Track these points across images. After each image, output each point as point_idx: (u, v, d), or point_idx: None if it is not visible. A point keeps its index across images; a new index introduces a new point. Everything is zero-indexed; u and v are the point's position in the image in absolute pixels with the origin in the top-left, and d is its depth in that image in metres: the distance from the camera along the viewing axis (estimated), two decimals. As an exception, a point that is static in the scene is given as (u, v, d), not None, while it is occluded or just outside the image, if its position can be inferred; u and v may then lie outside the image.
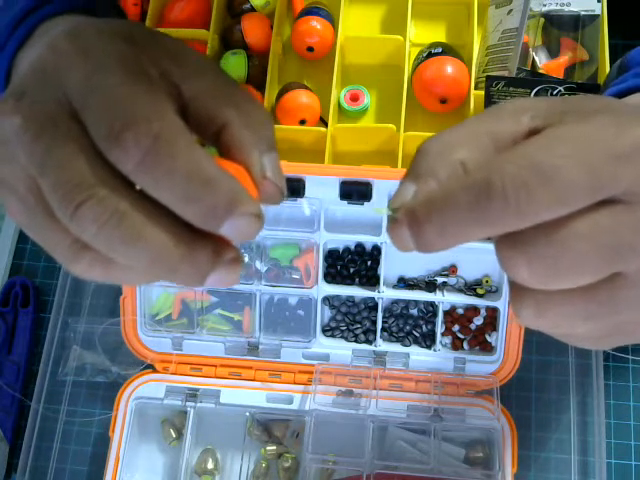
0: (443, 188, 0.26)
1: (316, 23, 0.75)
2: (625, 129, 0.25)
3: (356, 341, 0.68)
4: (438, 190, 0.26)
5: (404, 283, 0.67)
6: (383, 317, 0.67)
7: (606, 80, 0.56)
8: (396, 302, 0.68)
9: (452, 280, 0.67)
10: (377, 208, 0.29)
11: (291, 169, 0.62)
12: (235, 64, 0.76)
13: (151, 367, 0.69)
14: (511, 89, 0.67)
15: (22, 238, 0.79)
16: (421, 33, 0.79)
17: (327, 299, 0.68)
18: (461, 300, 0.66)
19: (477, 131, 0.28)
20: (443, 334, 0.67)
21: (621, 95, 0.44)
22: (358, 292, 0.67)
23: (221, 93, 0.30)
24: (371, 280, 0.67)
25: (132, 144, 0.25)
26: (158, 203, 0.26)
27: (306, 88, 0.75)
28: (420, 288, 0.67)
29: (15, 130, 0.27)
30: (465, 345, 0.67)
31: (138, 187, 0.27)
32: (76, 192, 0.26)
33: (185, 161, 0.26)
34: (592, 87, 0.66)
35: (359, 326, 0.68)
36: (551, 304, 0.27)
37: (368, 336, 0.68)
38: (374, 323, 0.67)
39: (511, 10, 0.72)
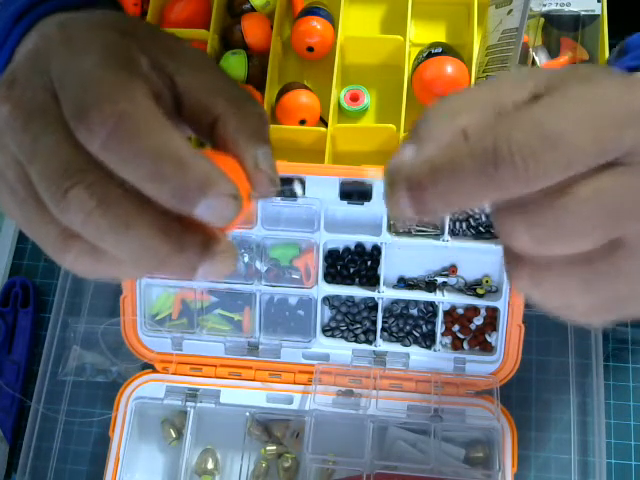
0: (448, 154, 0.26)
1: (316, 23, 0.75)
2: (628, 92, 0.25)
3: (356, 341, 0.68)
4: (442, 155, 0.26)
5: (404, 283, 0.67)
6: (383, 317, 0.67)
7: (605, 64, 0.56)
8: (396, 302, 0.68)
9: (452, 280, 0.67)
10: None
11: (291, 169, 0.62)
12: (235, 64, 0.76)
13: (151, 367, 0.69)
14: (511, 89, 0.67)
15: (22, 238, 0.79)
16: (421, 33, 0.79)
17: (327, 299, 0.68)
18: (461, 300, 0.66)
19: (479, 98, 0.28)
20: (443, 334, 0.67)
21: None
22: (358, 292, 0.67)
23: (215, 86, 0.30)
24: (371, 280, 0.67)
25: (97, 122, 0.25)
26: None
27: (306, 88, 0.75)
28: (420, 288, 0.67)
29: (5, 118, 0.27)
30: (465, 345, 0.67)
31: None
32: (64, 179, 0.26)
33: (152, 140, 0.26)
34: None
35: (359, 326, 0.68)
36: (548, 272, 0.26)
37: (368, 336, 0.68)
38: (374, 323, 0.67)
39: (511, 10, 0.72)
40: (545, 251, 0.26)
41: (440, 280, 0.66)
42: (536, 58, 0.72)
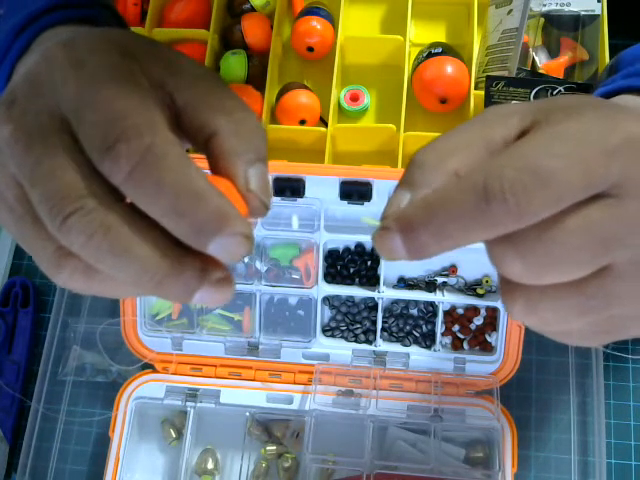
0: (440, 193, 0.26)
1: (316, 23, 0.75)
2: (613, 124, 0.26)
3: (356, 341, 0.68)
4: (434, 194, 0.26)
5: (404, 283, 0.67)
6: (383, 317, 0.67)
7: (597, 81, 0.56)
8: (396, 302, 0.68)
9: (452, 280, 0.67)
10: (366, 218, 0.29)
11: (291, 169, 0.62)
12: (235, 64, 0.76)
13: (151, 367, 0.69)
14: (511, 89, 0.67)
15: (22, 238, 0.79)
16: (421, 33, 0.79)
17: (327, 299, 0.68)
18: (461, 300, 0.66)
19: (469, 138, 0.28)
20: (443, 334, 0.67)
21: (609, 96, 0.44)
22: (358, 292, 0.67)
23: (212, 101, 0.30)
24: (371, 280, 0.67)
25: (124, 156, 0.25)
26: (148, 217, 0.26)
27: (306, 88, 0.75)
28: (420, 288, 0.67)
29: (5, 139, 0.27)
30: (465, 345, 0.67)
31: (128, 200, 0.27)
32: (65, 203, 0.26)
33: (174, 174, 0.26)
34: (592, 87, 0.66)
35: (359, 326, 0.68)
36: (542, 299, 0.27)
37: (368, 336, 0.68)
38: (374, 323, 0.67)
39: (511, 10, 0.72)
40: (537, 279, 0.26)
41: (440, 280, 0.67)
42: (536, 58, 0.72)
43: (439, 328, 0.66)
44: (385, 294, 0.66)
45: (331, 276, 0.67)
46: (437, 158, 0.28)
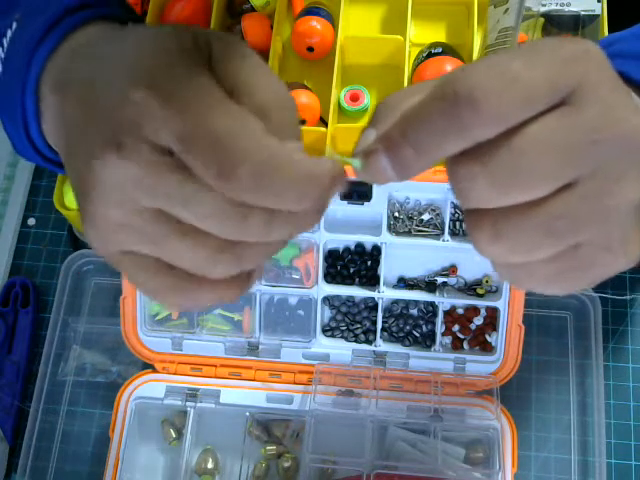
0: (414, 107, 0.27)
1: (316, 23, 0.75)
2: (574, 41, 0.28)
3: (356, 341, 0.68)
4: (410, 110, 0.28)
5: (404, 283, 0.67)
6: (383, 317, 0.67)
7: None
8: (396, 302, 0.68)
9: (452, 280, 0.67)
10: (331, 152, 0.31)
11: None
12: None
13: (151, 367, 0.69)
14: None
15: (22, 238, 0.79)
16: (421, 33, 0.79)
17: (327, 299, 0.68)
18: (461, 300, 0.66)
19: (431, 83, 0.29)
20: (443, 334, 0.67)
21: None
22: (358, 292, 0.67)
23: (268, 92, 0.31)
24: (371, 280, 0.67)
25: (244, 178, 0.27)
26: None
27: (306, 88, 0.75)
28: (420, 288, 0.67)
29: (133, 179, 0.28)
30: (465, 345, 0.67)
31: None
32: (229, 222, 0.28)
33: (288, 169, 0.28)
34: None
35: (359, 326, 0.68)
36: (508, 221, 0.28)
37: (368, 336, 0.68)
38: (374, 323, 0.67)
39: (507, 9, 0.72)
40: (503, 196, 0.27)
41: (440, 280, 0.66)
42: (536, 58, 0.72)
43: (439, 328, 0.66)
44: (385, 294, 0.66)
45: (331, 276, 0.67)
46: (399, 98, 0.30)
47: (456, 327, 0.67)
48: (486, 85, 0.26)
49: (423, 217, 0.65)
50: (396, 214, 0.65)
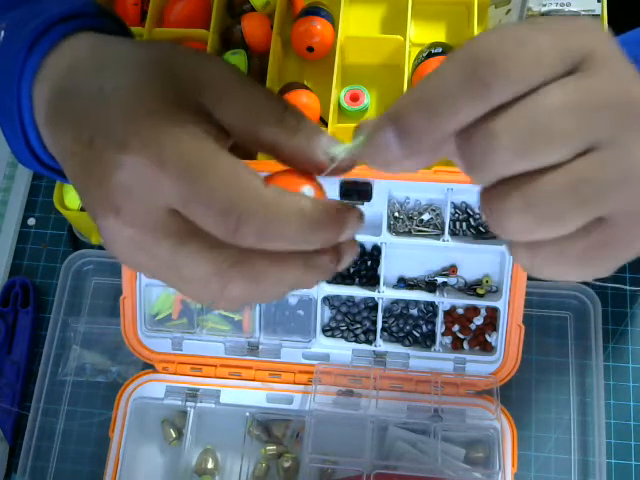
0: (426, 78, 0.27)
1: (316, 23, 0.75)
2: (579, 17, 0.29)
3: (356, 341, 0.68)
4: (420, 83, 0.27)
5: (404, 283, 0.67)
6: (383, 317, 0.67)
7: None
8: (396, 302, 0.68)
9: (452, 280, 0.67)
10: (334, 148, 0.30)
11: (291, 169, 0.62)
12: (235, 64, 0.76)
13: (151, 367, 0.69)
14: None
15: (22, 238, 0.79)
16: (421, 33, 0.79)
17: (327, 299, 0.68)
18: (461, 300, 0.66)
19: None
20: (443, 334, 0.67)
21: None
22: (358, 292, 0.67)
23: (259, 116, 0.31)
24: (371, 280, 0.67)
25: (249, 234, 0.29)
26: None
27: (306, 88, 0.75)
28: (420, 288, 0.67)
29: (132, 241, 0.30)
30: (465, 345, 0.67)
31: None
32: (218, 276, 0.30)
33: (284, 219, 0.29)
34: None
35: (359, 326, 0.68)
36: (535, 187, 0.27)
37: (368, 336, 0.68)
38: (374, 323, 0.67)
39: (509, 10, 0.72)
40: (525, 159, 0.26)
41: (440, 280, 0.66)
42: (536, 58, 0.72)
43: (439, 328, 0.66)
44: (385, 294, 0.66)
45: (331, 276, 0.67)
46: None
47: (456, 327, 0.67)
48: (503, 46, 0.26)
49: (423, 217, 0.65)
50: (396, 214, 0.65)
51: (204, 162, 0.28)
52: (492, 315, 0.66)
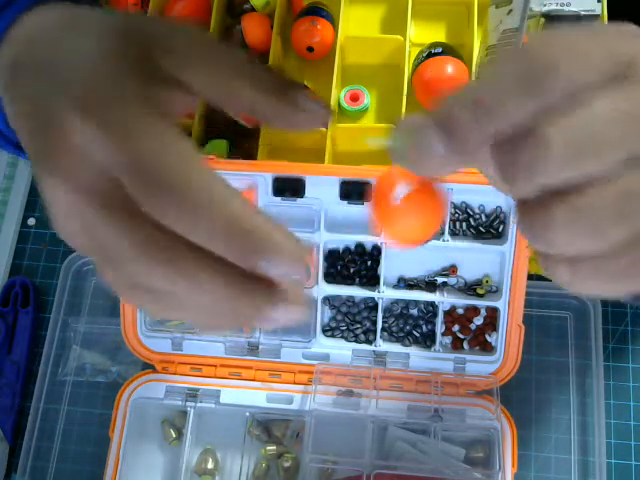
0: (478, 77, 0.27)
1: (316, 23, 0.75)
2: (626, 23, 0.29)
3: (356, 341, 0.68)
4: (472, 81, 0.27)
5: (404, 283, 0.67)
6: (383, 317, 0.67)
7: None
8: (396, 302, 0.68)
9: (452, 280, 0.67)
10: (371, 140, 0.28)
11: (291, 169, 0.62)
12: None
13: (151, 367, 0.69)
14: (511, 89, 0.67)
15: (22, 238, 0.79)
16: (421, 33, 0.79)
17: (327, 299, 0.68)
18: (461, 300, 0.66)
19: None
20: (443, 334, 0.67)
21: None
22: (358, 292, 0.67)
23: (231, 81, 0.31)
24: (371, 280, 0.67)
25: (169, 203, 0.27)
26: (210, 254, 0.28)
27: (306, 88, 0.75)
28: (420, 288, 0.67)
29: (68, 204, 0.29)
30: (465, 345, 0.67)
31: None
32: (152, 261, 0.28)
33: (221, 208, 0.27)
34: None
35: (359, 326, 0.68)
36: (582, 197, 0.26)
37: (368, 336, 0.68)
38: (374, 323, 0.67)
39: (511, 10, 0.72)
40: (573, 166, 0.25)
41: (440, 280, 0.66)
42: (536, 58, 0.72)
43: (439, 328, 0.66)
44: (385, 294, 0.66)
45: (331, 276, 0.67)
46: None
47: (456, 327, 0.67)
48: (556, 48, 0.25)
49: (423, 217, 0.65)
50: (396, 214, 0.65)
51: (147, 130, 0.28)
52: (492, 315, 0.66)
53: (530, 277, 0.65)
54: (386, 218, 0.33)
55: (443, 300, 0.66)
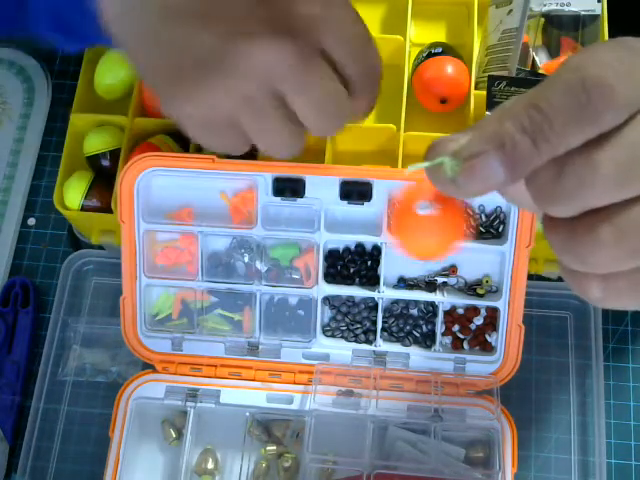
0: (535, 95, 0.26)
1: (316, 23, 0.75)
2: None
3: (356, 341, 0.68)
4: (531, 97, 0.26)
5: (404, 283, 0.67)
6: (383, 317, 0.67)
7: None
8: (396, 302, 0.68)
9: (452, 280, 0.67)
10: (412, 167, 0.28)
11: (291, 169, 0.62)
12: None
13: (151, 367, 0.69)
14: (513, 89, 0.67)
15: (22, 238, 0.79)
16: (421, 33, 0.79)
17: (327, 299, 0.68)
18: (461, 300, 0.66)
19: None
20: (443, 334, 0.67)
21: None
22: (358, 292, 0.67)
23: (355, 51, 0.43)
24: (371, 280, 0.67)
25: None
26: None
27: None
28: (420, 288, 0.67)
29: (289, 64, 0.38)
30: (465, 345, 0.67)
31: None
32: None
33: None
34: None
35: (359, 326, 0.68)
36: (627, 218, 0.26)
37: (368, 336, 0.68)
38: (374, 323, 0.67)
39: (511, 10, 0.72)
40: (623, 189, 0.25)
41: (440, 280, 0.66)
42: (536, 58, 0.72)
43: (439, 328, 0.66)
44: (385, 294, 0.66)
45: (331, 276, 0.67)
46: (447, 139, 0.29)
47: (456, 327, 0.67)
48: (609, 71, 0.25)
49: (423, 217, 0.65)
50: (396, 214, 0.66)
51: (310, 62, 0.38)
52: (492, 315, 0.66)
53: (530, 277, 0.65)
54: (407, 232, 0.33)
55: (443, 300, 0.66)
